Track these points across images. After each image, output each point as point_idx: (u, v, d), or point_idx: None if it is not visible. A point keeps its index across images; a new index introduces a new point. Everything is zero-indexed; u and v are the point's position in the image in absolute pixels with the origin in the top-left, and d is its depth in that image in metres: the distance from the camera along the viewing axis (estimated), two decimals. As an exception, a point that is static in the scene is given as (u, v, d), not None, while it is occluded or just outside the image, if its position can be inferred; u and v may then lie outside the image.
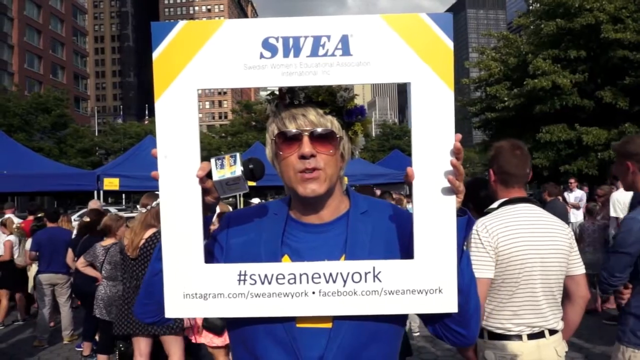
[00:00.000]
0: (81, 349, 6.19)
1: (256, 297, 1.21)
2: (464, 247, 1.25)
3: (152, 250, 4.26)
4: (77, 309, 7.10)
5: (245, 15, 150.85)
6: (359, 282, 1.21)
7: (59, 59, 63.49)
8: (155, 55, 1.21)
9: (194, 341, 4.32)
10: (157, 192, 4.55)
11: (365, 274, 1.21)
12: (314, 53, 1.19)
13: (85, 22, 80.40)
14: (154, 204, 4.23)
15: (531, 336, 2.28)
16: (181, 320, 4.13)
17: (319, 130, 1.27)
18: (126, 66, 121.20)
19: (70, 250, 6.40)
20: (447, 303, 1.21)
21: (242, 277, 1.21)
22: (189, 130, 1.20)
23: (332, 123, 1.29)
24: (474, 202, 2.76)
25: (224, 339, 4.26)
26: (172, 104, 1.20)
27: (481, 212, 2.47)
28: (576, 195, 11.29)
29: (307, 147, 1.25)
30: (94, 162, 40.39)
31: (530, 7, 22.56)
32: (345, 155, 1.36)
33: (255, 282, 1.21)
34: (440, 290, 1.21)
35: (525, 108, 19.32)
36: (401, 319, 1.32)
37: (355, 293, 1.21)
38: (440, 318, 1.27)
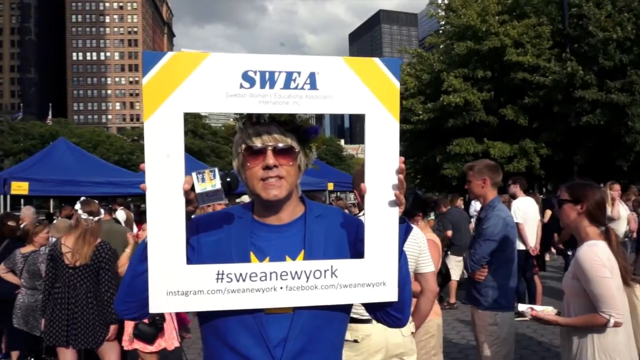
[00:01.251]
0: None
1: (232, 292, 1.41)
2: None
3: (102, 259, 4.21)
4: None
5: (160, 15, 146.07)
6: (319, 278, 1.44)
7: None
8: (145, 80, 1.37)
9: (126, 348, 4.32)
10: (94, 200, 4.53)
11: (325, 271, 1.45)
12: (286, 86, 1.41)
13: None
14: (97, 218, 4.22)
15: None
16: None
17: (281, 145, 1.50)
18: (26, 61, 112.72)
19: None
20: (390, 293, 1.48)
21: (220, 276, 1.40)
22: (175, 147, 1.37)
23: (291, 139, 1.53)
24: None
25: (157, 345, 4.31)
26: (159, 125, 1.36)
27: None
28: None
29: (270, 159, 1.48)
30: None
31: (442, 28, 24.09)
32: (301, 167, 1.60)
33: (232, 280, 1.41)
34: (384, 284, 1.48)
35: (438, 121, 20.61)
36: (349, 307, 1.58)
37: (316, 287, 1.44)
38: (382, 306, 1.53)
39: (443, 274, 5.99)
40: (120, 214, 9.61)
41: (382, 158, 1.44)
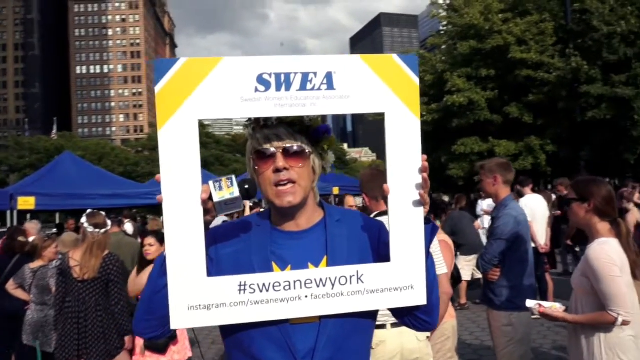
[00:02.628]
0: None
1: (255, 304, 1.36)
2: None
3: (110, 271, 4.19)
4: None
5: (162, 26, 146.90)
6: (345, 284, 1.39)
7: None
8: (158, 88, 1.33)
9: (138, 361, 4.28)
10: (100, 212, 4.50)
11: (350, 277, 1.40)
12: (303, 87, 1.36)
13: (-16, 30, 74.70)
14: (103, 230, 4.19)
15: (394, 325, 2.73)
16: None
17: (289, 146, 1.45)
18: (31, 76, 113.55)
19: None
20: (418, 297, 1.43)
21: (243, 287, 1.35)
22: (191, 156, 1.33)
23: (301, 140, 1.48)
24: None
25: (170, 357, 4.26)
26: (174, 133, 1.32)
27: None
28: (488, 203, 12.13)
29: (280, 162, 1.43)
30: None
31: (445, 28, 24.05)
32: (316, 170, 1.54)
33: (255, 290, 1.36)
34: (412, 287, 1.42)
35: (442, 122, 20.55)
36: (375, 313, 1.53)
37: (342, 294, 1.39)
38: (410, 310, 1.48)
39: (455, 277, 5.93)
40: (128, 227, 9.56)
41: (404, 157, 1.39)
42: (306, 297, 1.37)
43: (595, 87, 17.20)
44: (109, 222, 4.57)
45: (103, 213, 4.60)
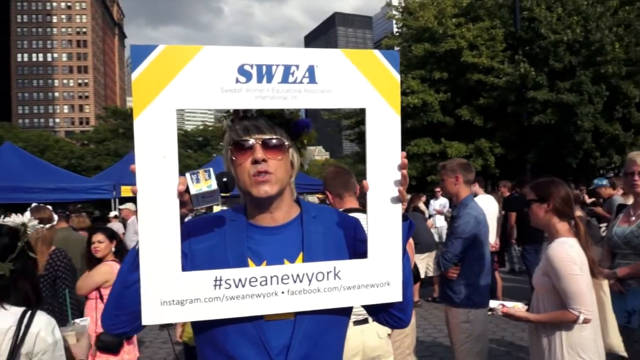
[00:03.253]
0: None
1: (231, 299, 1.32)
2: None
3: (57, 267, 4.00)
4: None
5: (110, 15, 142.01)
6: (322, 280, 1.38)
7: None
8: (134, 75, 1.27)
9: (90, 363, 4.10)
10: (47, 206, 4.29)
11: (327, 273, 1.38)
12: (284, 80, 1.34)
13: None
14: (48, 225, 3.99)
15: (356, 322, 2.79)
16: None
17: (268, 138, 1.43)
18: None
19: None
20: (395, 293, 1.44)
21: (218, 282, 1.32)
22: (168, 147, 1.28)
23: (281, 134, 1.46)
24: None
25: (121, 357, 4.12)
26: (151, 122, 1.26)
27: None
28: (441, 202, 12.46)
29: (259, 153, 1.40)
30: None
31: (399, 30, 24.47)
32: (294, 164, 1.52)
33: (230, 286, 1.32)
34: (388, 284, 1.43)
35: (396, 122, 20.93)
36: (350, 309, 1.52)
37: (318, 290, 1.38)
38: (385, 307, 1.48)
39: (414, 274, 6.06)
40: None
41: (383, 153, 1.39)
42: (282, 292, 1.35)
43: (541, 92, 17.99)
44: (55, 216, 4.36)
45: (50, 207, 4.38)
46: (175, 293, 1.30)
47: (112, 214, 11.83)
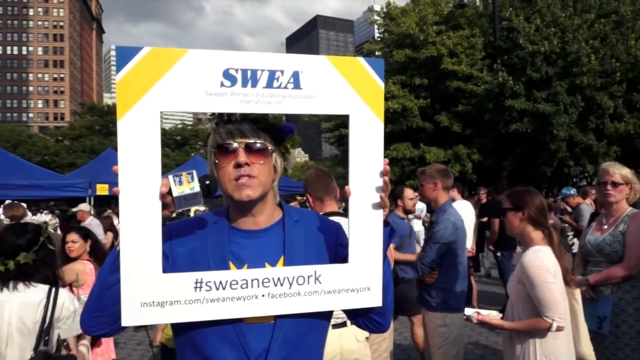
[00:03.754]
0: None
1: (211, 302, 1.33)
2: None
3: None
4: None
5: (89, 9, 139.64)
6: (302, 284, 1.39)
7: None
8: (119, 76, 1.27)
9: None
10: (20, 203, 4.21)
11: (308, 277, 1.40)
12: (269, 85, 1.35)
13: None
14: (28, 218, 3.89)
15: (335, 326, 2.78)
16: None
17: (252, 142, 1.44)
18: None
19: None
20: (374, 298, 1.46)
21: (199, 285, 1.32)
22: (151, 149, 1.28)
23: (264, 138, 1.47)
24: None
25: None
26: (135, 124, 1.26)
27: None
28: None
29: (241, 157, 1.41)
30: None
31: (381, 35, 24.68)
32: (277, 168, 1.53)
33: (211, 288, 1.33)
34: (369, 289, 1.45)
35: (376, 127, 21.11)
36: (330, 313, 1.54)
37: (299, 294, 1.39)
38: (365, 312, 1.50)
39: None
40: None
41: (366, 160, 1.41)
42: (263, 296, 1.36)
43: (518, 101, 18.33)
44: (29, 213, 4.28)
45: (24, 205, 4.31)
46: (155, 295, 1.30)
47: (85, 206, 11.59)
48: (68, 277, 4.05)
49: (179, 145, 57.57)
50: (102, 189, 11.41)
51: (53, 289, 2.59)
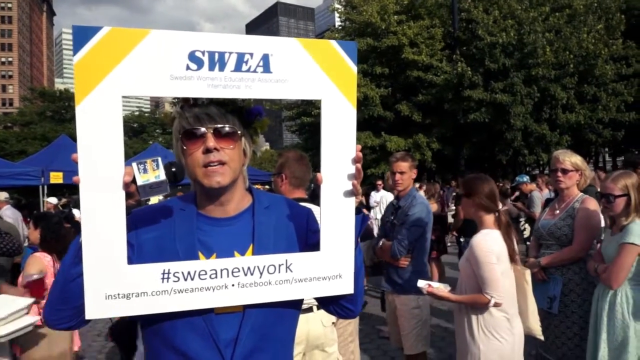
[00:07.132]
0: None
1: (179, 292, 1.28)
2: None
3: None
4: None
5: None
6: (273, 273, 1.36)
7: None
8: (76, 59, 1.19)
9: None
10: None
11: (279, 265, 1.37)
12: (237, 68, 1.29)
13: None
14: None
15: (301, 311, 2.81)
16: None
17: (221, 127, 1.38)
18: None
19: None
20: (346, 286, 1.44)
21: (166, 275, 1.27)
22: (113, 135, 1.21)
23: (233, 121, 1.42)
24: None
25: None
26: (94, 109, 1.19)
27: None
28: (381, 194, 12.71)
29: (210, 142, 1.36)
30: None
31: (342, 24, 24.64)
32: (247, 152, 1.49)
33: (179, 279, 1.28)
34: (340, 276, 1.43)
35: (337, 115, 21.16)
36: (300, 302, 1.52)
37: (269, 283, 1.36)
38: (336, 299, 1.49)
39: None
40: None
41: (338, 146, 1.38)
42: (233, 285, 1.32)
43: (477, 92, 18.73)
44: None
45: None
46: (120, 286, 1.24)
47: (53, 200, 11.15)
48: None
49: (136, 132, 56.11)
50: (55, 177, 10.97)
51: None
